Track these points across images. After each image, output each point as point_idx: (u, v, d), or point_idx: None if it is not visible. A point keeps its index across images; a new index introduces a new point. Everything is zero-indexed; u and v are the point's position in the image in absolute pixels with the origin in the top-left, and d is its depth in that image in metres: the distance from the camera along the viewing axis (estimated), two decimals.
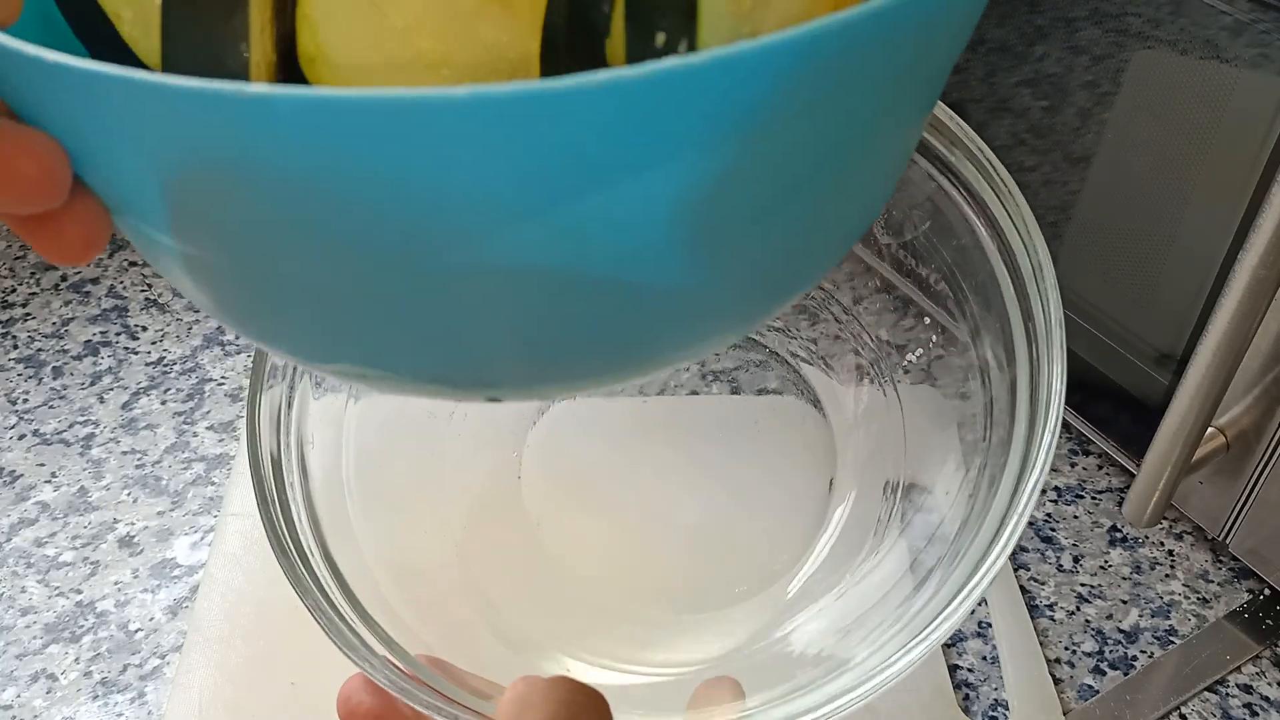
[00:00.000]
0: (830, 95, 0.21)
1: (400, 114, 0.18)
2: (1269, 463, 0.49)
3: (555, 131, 0.19)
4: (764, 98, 0.20)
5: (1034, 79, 0.54)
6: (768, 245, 0.25)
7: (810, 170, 0.24)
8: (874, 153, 0.26)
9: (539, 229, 0.21)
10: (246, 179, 0.20)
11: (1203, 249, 0.49)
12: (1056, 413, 0.35)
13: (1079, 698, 0.51)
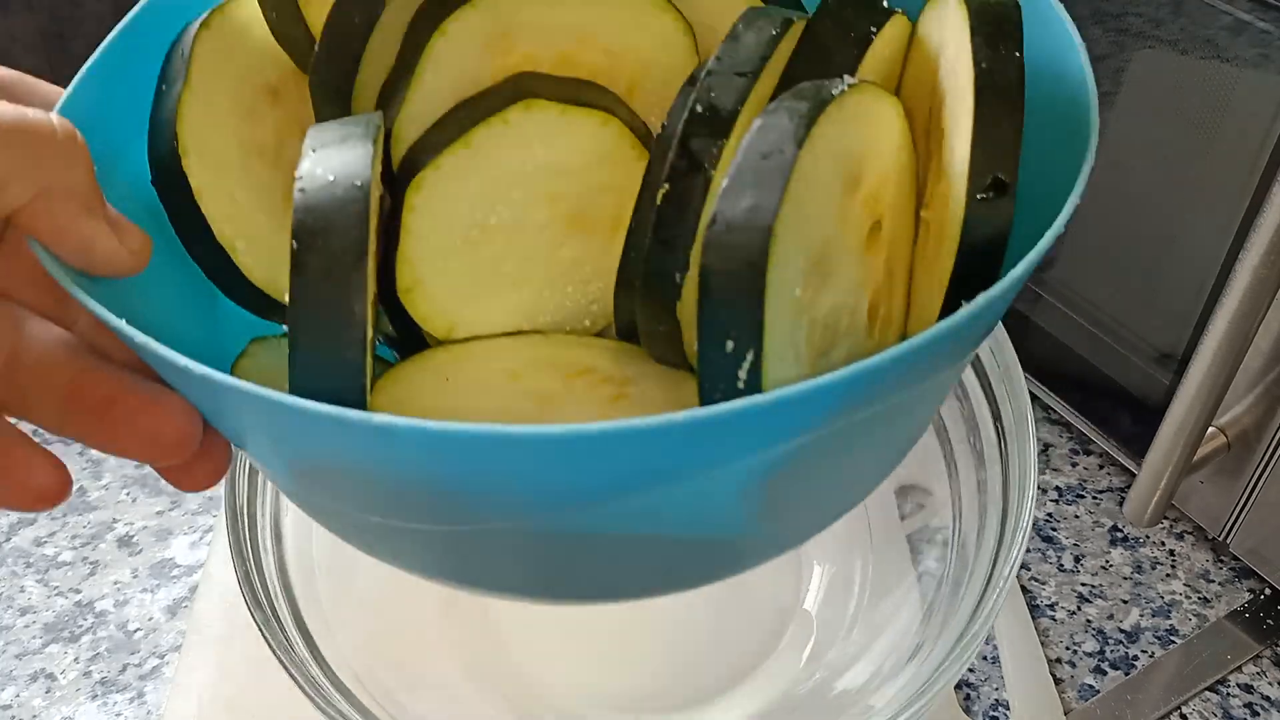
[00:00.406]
0: (882, 404, 0.25)
1: (501, 445, 0.22)
2: (1270, 462, 0.49)
3: (637, 452, 0.22)
4: (821, 419, 0.23)
5: None
6: (819, 501, 0.29)
7: (861, 445, 0.27)
8: (924, 416, 0.30)
9: (626, 508, 0.24)
10: (363, 473, 0.24)
11: (1203, 248, 0.49)
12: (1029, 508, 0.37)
13: (1080, 697, 0.51)
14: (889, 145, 0.27)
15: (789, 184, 0.24)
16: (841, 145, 0.26)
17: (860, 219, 0.27)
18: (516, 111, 0.28)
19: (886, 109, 0.27)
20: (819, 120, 0.25)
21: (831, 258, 0.26)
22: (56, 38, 0.79)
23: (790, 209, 0.24)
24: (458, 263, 0.29)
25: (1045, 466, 0.61)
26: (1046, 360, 0.60)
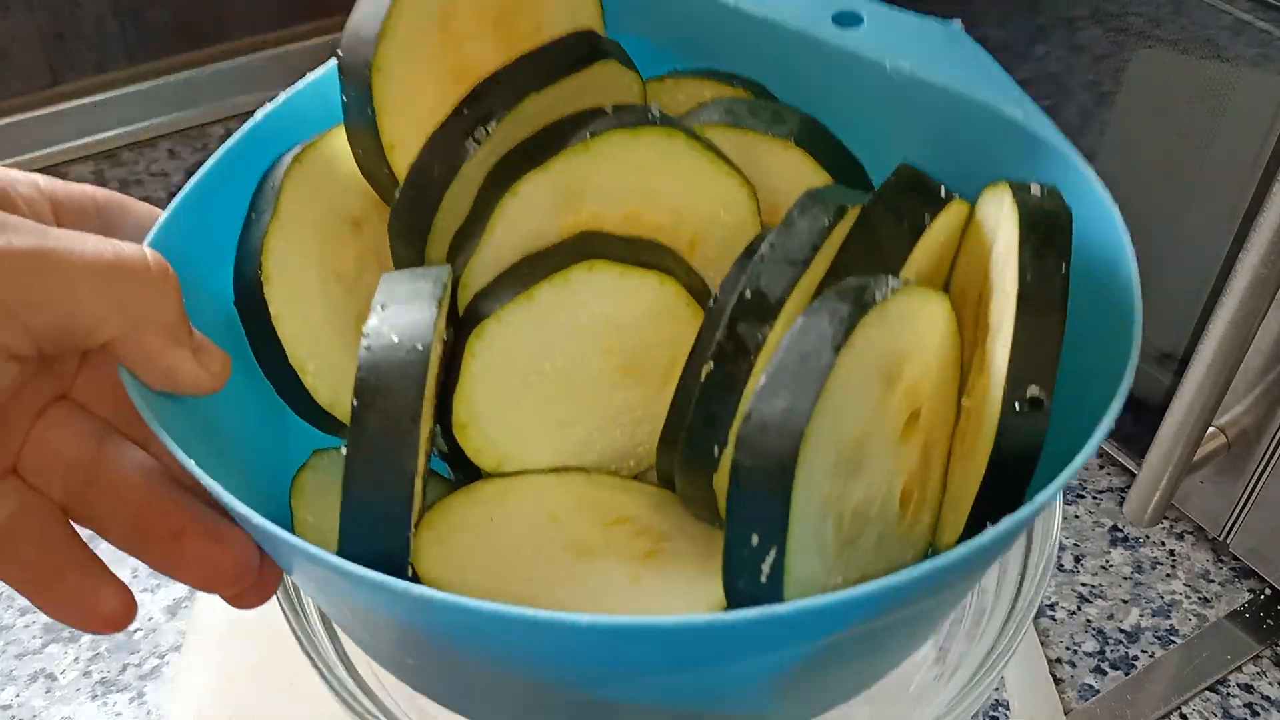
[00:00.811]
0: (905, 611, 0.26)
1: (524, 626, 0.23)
2: (1270, 462, 0.49)
3: (654, 645, 0.24)
4: (840, 627, 0.24)
5: (1035, 78, 0.54)
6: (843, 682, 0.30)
7: (886, 637, 0.28)
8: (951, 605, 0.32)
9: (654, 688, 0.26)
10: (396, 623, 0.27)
11: (1204, 248, 0.49)
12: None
13: (1080, 697, 0.51)
14: (932, 340, 0.28)
15: (824, 389, 0.24)
16: (882, 347, 0.26)
17: (898, 411, 0.27)
18: (579, 271, 0.30)
19: (933, 307, 0.28)
20: (859, 325, 0.25)
21: (866, 450, 0.27)
22: (56, 38, 0.79)
23: (824, 412, 0.25)
24: (512, 404, 0.31)
25: None
26: None
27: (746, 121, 0.33)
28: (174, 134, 0.84)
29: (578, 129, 0.30)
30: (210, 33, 0.83)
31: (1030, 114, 0.31)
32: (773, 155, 0.33)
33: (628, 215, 0.31)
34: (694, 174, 0.31)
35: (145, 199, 0.83)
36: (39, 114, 0.80)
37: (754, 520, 0.25)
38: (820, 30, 0.33)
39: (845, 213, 0.29)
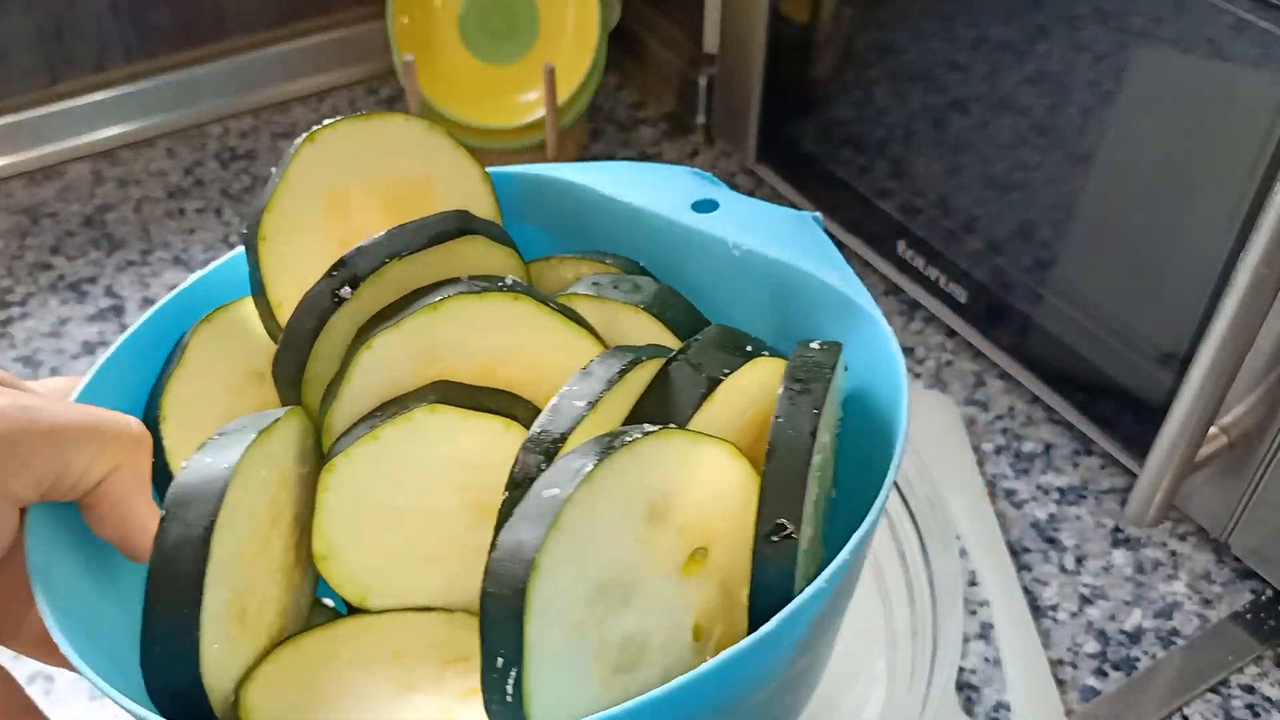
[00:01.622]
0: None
1: None
2: (1271, 463, 0.49)
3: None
4: None
5: (1036, 77, 0.54)
6: None
7: None
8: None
9: None
10: None
11: (1205, 248, 0.49)
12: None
13: (1081, 699, 0.51)
14: (710, 480, 0.31)
15: (558, 519, 0.27)
16: (636, 485, 0.29)
17: (673, 547, 0.30)
18: (421, 413, 0.33)
19: (708, 451, 0.31)
20: (602, 463, 0.28)
21: (631, 582, 0.29)
22: (55, 38, 0.79)
23: (557, 543, 0.27)
24: (372, 539, 0.34)
25: (1047, 467, 0.61)
26: (1048, 360, 0.59)
27: (608, 292, 0.38)
28: (172, 133, 0.83)
29: (433, 293, 0.34)
30: (209, 33, 0.83)
31: (847, 279, 0.37)
32: (629, 320, 0.37)
33: (481, 370, 0.35)
34: (547, 334, 0.35)
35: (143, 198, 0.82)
36: (38, 113, 0.80)
37: (497, 643, 0.27)
38: (681, 215, 0.40)
39: (640, 363, 0.33)
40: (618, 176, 0.41)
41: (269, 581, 0.33)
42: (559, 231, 0.43)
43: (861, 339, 0.35)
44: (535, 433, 0.31)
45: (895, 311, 0.70)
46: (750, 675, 0.29)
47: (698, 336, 0.35)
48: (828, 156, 0.69)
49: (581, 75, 0.76)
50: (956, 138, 0.59)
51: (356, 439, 0.33)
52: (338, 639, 0.34)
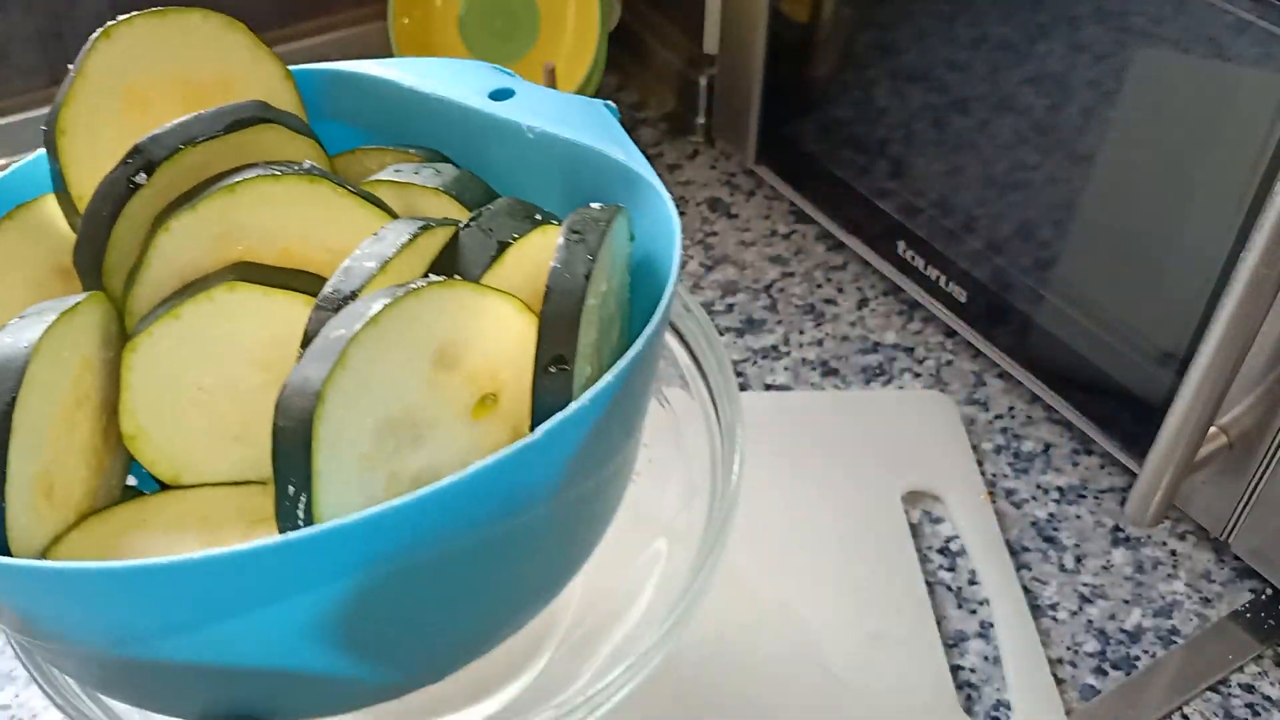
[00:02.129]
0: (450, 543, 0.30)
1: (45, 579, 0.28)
2: (1272, 462, 0.49)
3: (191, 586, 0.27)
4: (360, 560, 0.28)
5: (1037, 77, 0.54)
6: (419, 642, 0.33)
7: (460, 583, 0.31)
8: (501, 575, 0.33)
9: (196, 639, 0.29)
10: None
11: (1205, 247, 0.49)
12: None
13: (1081, 698, 0.51)
14: (498, 332, 0.33)
15: (343, 356, 0.29)
16: (422, 332, 0.31)
17: (462, 392, 0.32)
18: (221, 291, 0.34)
19: (492, 301, 0.33)
20: (388, 308, 0.30)
21: (421, 423, 0.31)
22: (55, 37, 0.79)
23: (345, 378, 0.29)
24: (179, 418, 0.34)
25: (1046, 466, 0.61)
26: (1048, 360, 0.59)
27: (408, 177, 0.39)
28: None
29: (231, 176, 0.35)
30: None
31: (631, 154, 0.40)
32: (429, 203, 0.39)
33: (282, 253, 0.36)
34: (346, 216, 0.36)
35: None
36: (38, 113, 0.80)
37: (289, 471, 0.29)
38: (479, 104, 0.42)
39: (431, 229, 0.34)
40: (418, 70, 0.43)
41: (78, 463, 0.34)
42: (364, 127, 0.44)
43: (648, 209, 0.38)
44: (327, 292, 0.33)
45: (895, 311, 0.70)
46: (519, 485, 0.31)
47: (489, 206, 0.37)
48: (828, 157, 0.69)
49: (582, 76, 0.76)
50: (956, 138, 0.59)
51: (157, 318, 0.34)
52: (147, 509, 0.35)
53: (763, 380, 0.66)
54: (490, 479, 0.29)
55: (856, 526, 0.56)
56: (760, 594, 0.53)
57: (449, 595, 0.32)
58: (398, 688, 0.35)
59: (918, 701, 0.49)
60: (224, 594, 0.28)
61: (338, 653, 0.31)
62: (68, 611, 0.29)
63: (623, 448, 0.36)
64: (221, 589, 0.28)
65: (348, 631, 0.30)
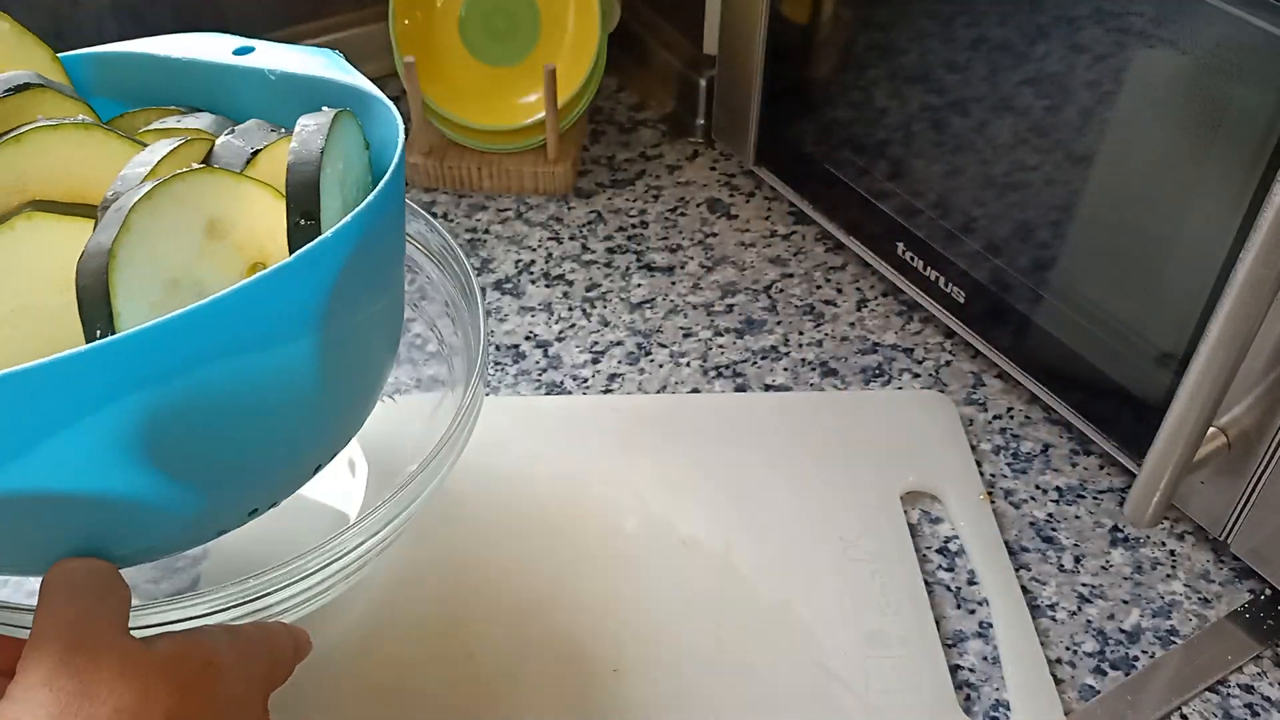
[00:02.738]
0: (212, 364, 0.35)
1: None
2: (1270, 462, 0.49)
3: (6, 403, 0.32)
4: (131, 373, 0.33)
5: (1036, 78, 0.54)
6: (217, 466, 0.38)
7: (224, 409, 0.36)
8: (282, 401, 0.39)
9: (15, 468, 0.33)
10: None
11: (1204, 248, 0.49)
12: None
13: (1080, 698, 0.51)
14: (259, 213, 0.40)
15: (127, 222, 0.35)
16: (192, 210, 0.38)
17: (232, 258, 0.39)
18: (21, 220, 0.38)
19: (250, 187, 0.40)
20: (160, 185, 0.37)
21: (200, 281, 0.38)
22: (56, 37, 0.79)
23: (130, 241, 0.35)
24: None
25: (1046, 467, 0.61)
26: (1047, 360, 0.60)
27: (171, 124, 0.46)
28: None
29: (13, 130, 0.40)
30: (209, 33, 0.83)
31: (356, 78, 0.45)
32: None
33: (67, 194, 0.41)
34: (120, 156, 0.41)
35: None
36: None
37: (93, 319, 0.35)
38: (226, 60, 0.48)
39: (190, 141, 0.41)
40: (167, 44, 0.51)
41: None
42: (130, 100, 0.50)
43: (380, 122, 0.44)
44: (108, 195, 0.38)
45: (894, 312, 0.70)
46: (282, 308, 0.36)
47: (240, 124, 0.44)
48: (827, 157, 0.69)
49: (582, 77, 0.76)
50: (956, 139, 0.60)
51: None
52: None
53: (762, 380, 0.66)
54: (254, 295, 0.34)
55: (856, 526, 0.56)
56: (760, 594, 0.53)
57: (234, 417, 0.37)
58: (212, 519, 0.40)
59: (917, 701, 0.49)
60: (35, 411, 0.32)
61: (143, 472, 0.35)
62: None
63: (376, 291, 0.42)
64: (32, 406, 0.32)
65: (147, 447, 0.35)
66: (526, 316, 0.69)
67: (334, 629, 0.51)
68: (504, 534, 0.56)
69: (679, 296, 0.71)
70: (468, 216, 0.77)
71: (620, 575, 0.54)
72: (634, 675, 0.50)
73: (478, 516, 0.57)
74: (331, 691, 0.49)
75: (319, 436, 0.42)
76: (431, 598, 0.53)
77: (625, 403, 0.63)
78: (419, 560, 0.54)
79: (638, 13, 0.87)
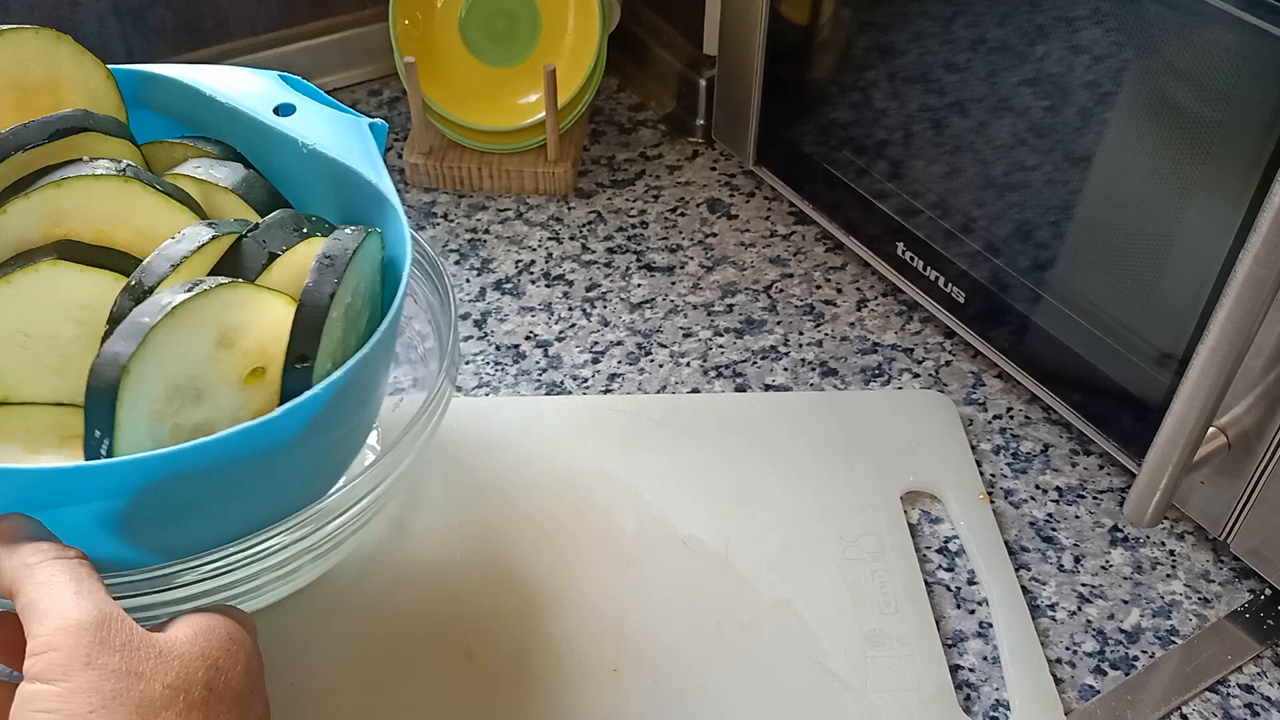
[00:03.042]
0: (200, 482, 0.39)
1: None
2: (1270, 462, 0.49)
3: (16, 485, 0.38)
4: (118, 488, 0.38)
5: (1035, 78, 0.54)
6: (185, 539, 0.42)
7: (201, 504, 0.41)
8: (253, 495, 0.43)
9: None
10: None
11: (1203, 248, 0.49)
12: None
13: (1080, 698, 0.51)
14: (268, 321, 0.43)
15: (146, 339, 0.39)
16: (209, 319, 0.41)
17: (236, 365, 0.43)
18: (46, 265, 0.43)
19: (265, 298, 0.43)
20: (184, 303, 0.40)
21: (202, 388, 0.42)
22: None
23: (145, 355, 0.39)
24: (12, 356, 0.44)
25: (1045, 467, 0.61)
26: (1046, 360, 0.60)
27: (206, 174, 0.49)
28: None
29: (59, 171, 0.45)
30: (211, 34, 0.84)
31: (380, 175, 0.49)
32: (220, 197, 0.49)
33: (98, 234, 0.45)
34: (153, 208, 0.46)
35: None
36: None
37: (96, 420, 0.39)
38: (266, 116, 0.51)
39: (218, 237, 0.44)
40: (217, 77, 0.53)
41: None
42: (172, 118, 0.53)
43: (392, 220, 0.48)
44: (131, 283, 0.43)
45: (894, 312, 0.70)
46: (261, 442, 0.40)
47: (265, 219, 0.46)
48: (827, 158, 0.69)
49: (582, 77, 0.76)
50: (955, 139, 0.60)
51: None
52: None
53: (762, 380, 0.66)
54: (237, 440, 0.39)
55: (856, 526, 0.57)
56: (760, 594, 0.53)
57: (210, 507, 0.41)
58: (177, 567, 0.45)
59: (917, 701, 0.49)
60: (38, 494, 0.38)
61: (120, 542, 0.40)
62: None
63: (357, 412, 0.46)
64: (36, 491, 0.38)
65: (129, 528, 0.40)
66: (526, 316, 0.70)
67: (334, 629, 0.51)
68: (504, 534, 0.56)
69: (679, 296, 0.71)
70: (468, 216, 0.77)
71: (620, 575, 0.54)
72: (634, 675, 0.50)
73: (477, 516, 0.57)
74: (332, 691, 0.49)
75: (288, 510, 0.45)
76: (431, 598, 0.53)
77: (625, 403, 0.63)
78: (419, 560, 0.54)
79: (638, 13, 0.87)
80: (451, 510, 0.57)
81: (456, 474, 0.59)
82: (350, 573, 0.54)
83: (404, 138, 0.84)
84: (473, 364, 0.66)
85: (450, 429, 0.61)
